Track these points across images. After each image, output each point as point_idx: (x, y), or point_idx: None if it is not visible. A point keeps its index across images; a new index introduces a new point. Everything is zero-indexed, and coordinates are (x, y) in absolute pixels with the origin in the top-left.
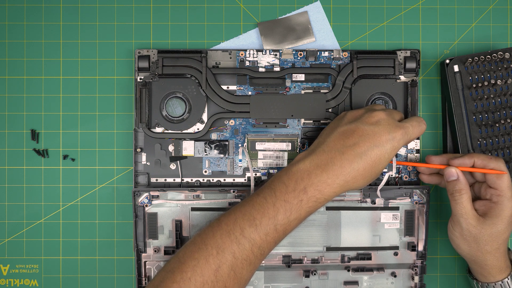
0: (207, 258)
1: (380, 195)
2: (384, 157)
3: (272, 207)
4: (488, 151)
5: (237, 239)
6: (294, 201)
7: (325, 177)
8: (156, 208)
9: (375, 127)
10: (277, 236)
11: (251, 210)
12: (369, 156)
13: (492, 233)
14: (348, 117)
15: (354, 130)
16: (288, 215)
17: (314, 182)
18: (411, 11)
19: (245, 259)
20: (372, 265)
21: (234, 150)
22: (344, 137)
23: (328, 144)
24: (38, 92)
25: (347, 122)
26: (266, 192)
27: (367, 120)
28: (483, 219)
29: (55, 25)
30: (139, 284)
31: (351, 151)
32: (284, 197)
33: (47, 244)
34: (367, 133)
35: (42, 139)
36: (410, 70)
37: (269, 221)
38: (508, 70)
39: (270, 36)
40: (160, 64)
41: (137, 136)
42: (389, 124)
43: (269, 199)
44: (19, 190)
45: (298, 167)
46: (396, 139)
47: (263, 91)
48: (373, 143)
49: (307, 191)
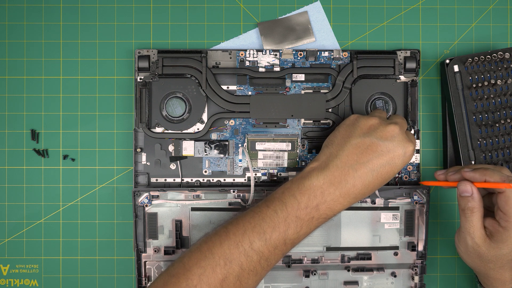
0: (214, 268)
1: (379, 195)
2: (393, 172)
3: (283, 222)
4: (488, 151)
5: (245, 251)
6: (306, 218)
7: (337, 195)
8: (156, 208)
9: (389, 143)
10: (285, 249)
11: (261, 223)
12: (380, 172)
13: (497, 255)
14: (362, 126)
15: (369, 145)
16: (298, 230)
17: (327, 200)
18: (411, 11)
19: (252, 270)
20: (372, 265)
21: (234, 150)
22: (358, 152)
23: (342, 158)
24: (38, 92)
25: (361, 134)
26: (277, 205)
27: (382, 134)
28: (489, 241)
29: (55, 25)
30: (139, 284)
31: (364, 168)
32: (296, 213)
33: (47, 244)
34: (382, 150)
35: (42, 139)
36: (410, 70)
37: (279, 235)
38: (508, 70)
39: (270, 36)
40: (160, 64)
41: (137, 136)
42: (403, 140)
43: (280, 214)
44: (19, 190)
45: (312, 183)
46: (407, 155)
47: (263, 91)
48: (386, 160)
49: (319, 208)
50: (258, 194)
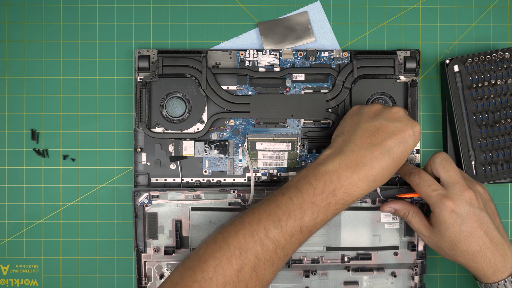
0: (230, 258)
1: (380, 194)
2: (407, 151)
3: (299, 209)
4: (489, 151)
5: (261, 240)
6: (322, 204)
7: (355, 179)
8: (156, 208)
9: (398, 123)
10: (302, 237)
11: (276, 210)
12: (395, 152)
13: (449, 241)
14: (368, 112)
15: (379, 127)
16: (315, 217)
17: (344, 185)
18: (411, 11)
19: (268, 260)
20: (372, 265)
21: (234, 150)
22: (370, 134)
23: (356, 142)
24: (38, 92)
25: (369, 119)
26: (292, 192)
27: (389, 116)
28: (432, 229)
29: (55, 25)
30: (139, 284)
31: (379, 149)
32: (312, 199)
33: (47, 244)
34: (392, 130)
35: (42, 139)
36: (410, 70)
37: (295, 222)
38: (508, 70)
39: (270, 36)
40: (160, 64)
41: (137, 136)
42: (409, 120)
43: (296, 200)
44: (19, 190)
45: (327, 168)
46: (416, 134)
47: (263, 91)
48: (399, 139)
49: (336, 193)
50: (258, 194)
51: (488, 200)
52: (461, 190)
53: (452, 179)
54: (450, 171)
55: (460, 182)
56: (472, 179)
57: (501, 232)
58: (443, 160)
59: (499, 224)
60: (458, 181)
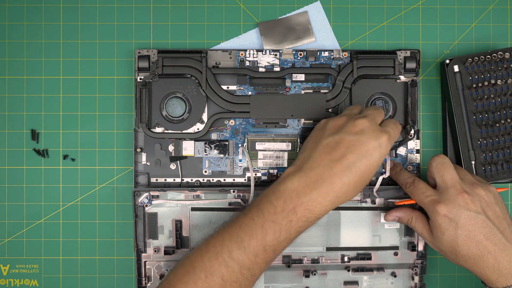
0: (196, 282)
1: (377, 195)
2: (373, 166)
3: (261, 228)
4: (488, 151)
5: (225, 261)
6: (283, 222)
7: (315, 196)
8: (156, 208)
9: (360, 136)
10: (267, 256)
11: (238, 232)
12: (358, 167)
13: (448, 246)
14: (330, 127)
15: (339, 141)
16: (277, 236)
17: (303, 202)
18: (411, 11)
19: (235, 281)
20: (372, 265)
21: (234, 150)
22: (330, 150)
23: (315, 159)
24: (38, 92)
25: (330, 134)
26: (253, 212)
27: (351, 129)
28: (432, 235)
29: (55, 25)
30: (139, 284)
31: (339, 165)
32: (273, 218)
33: (47, 244)
34: (353, 144)
35: (42, 139)
36: (410, 70)
37: (257, 242)
38: (508, 70)
39: (270, 36)
40: (160, 64)
41: (137, 136)
42: (374, 131)
43: (257, 220)
44: (19, 190)
45: (286, 186)
46: (383, 146)
47: (263, 91)
48: (361, 153)
49: (297, 211)
50: (258, 194)
51: (491, 203)
52: (455, 194)
53: (446, 183)
54: (444, 175)
55: (454, 186)
56: (475, 182)
57: (507, 236)
58: (438, 165)
59: (506, 227)
60: (452, 185)
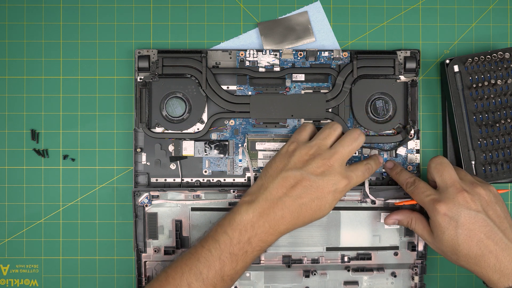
0: None
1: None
2: (324, 206)
3: (218, 260)
4: (488, 151)
5: None
6: (240, 253)
7: (267, 227)
8: (156, 208)
9: (319, 179)
10: (225, 285)
11: (197, 264)
12: (309, 206)
13: (448, 246)
14: (296, 160)
15: (299, 180)
16: (234, 266)
17: (258, 233)
18: (411, 11)
19: None
20: (372, 265)
21: (234, 150)
22: (288, 185)
23: (271, 191)
24: (38, 92)
25: (294, 168)
26: (210, 243)
27: (314, 170)
28: (433, 235)
29: (55, 25)
30: (139, 284)
31: (293, 202)
32: (229, 249)
33: (47, 244)
34: (311, 186)
35: (42, 139)
36: (410, 70)
37: (215, 273)
38: (508, 70)
39: (270, 36)
40: (160, 64)
41: (137, 136)
42: (335, 175)
43: (214, 252)
44: (19, 190)
45: (242, 218)
46: (338, 191)
47: (263, 91)
48: (316, 195)
49: (252, 242)
50: None
51: (492, 202)
52: (454, 192)
53: (445, 182)
54: (444, 174)
55: (454, 185)
56: (475, 181)
57: (509, 236)
58: (438, 165)
59: (507, 227)
60: (452, 184)
